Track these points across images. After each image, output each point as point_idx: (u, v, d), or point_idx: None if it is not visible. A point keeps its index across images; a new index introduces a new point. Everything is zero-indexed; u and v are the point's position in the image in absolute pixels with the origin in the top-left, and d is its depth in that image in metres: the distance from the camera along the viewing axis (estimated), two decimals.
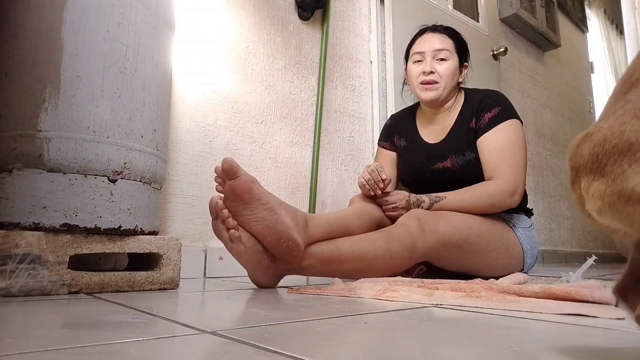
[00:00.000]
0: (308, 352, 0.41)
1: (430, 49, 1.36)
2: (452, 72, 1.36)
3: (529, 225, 1.38)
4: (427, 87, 1.35)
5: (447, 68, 1.35)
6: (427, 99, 1.37)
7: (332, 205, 1.75)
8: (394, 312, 0.65)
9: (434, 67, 1.35)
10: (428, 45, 1.37)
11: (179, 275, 0.98)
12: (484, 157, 1.30)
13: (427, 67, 1.35)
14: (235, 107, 1.52)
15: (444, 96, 1.36)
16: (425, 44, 1.38)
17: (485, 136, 1.30)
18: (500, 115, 1.30)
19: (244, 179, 0.92)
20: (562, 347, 0.46)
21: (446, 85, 1.35)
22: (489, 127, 1.30)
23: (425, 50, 1.37)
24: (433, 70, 1.35)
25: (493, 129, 1.29)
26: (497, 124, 1.29)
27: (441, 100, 1.37)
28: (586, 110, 3.66)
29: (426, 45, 1.37)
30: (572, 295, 0.74)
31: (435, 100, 1.36)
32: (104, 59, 0.89)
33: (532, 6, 2.83)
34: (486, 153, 1.29)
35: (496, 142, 1.28)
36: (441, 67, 1.35)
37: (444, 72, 1.35)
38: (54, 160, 0.83)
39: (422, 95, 1.37)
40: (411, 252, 1.10)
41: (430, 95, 1.35)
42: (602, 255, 3.32)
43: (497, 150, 1.27)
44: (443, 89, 1.35)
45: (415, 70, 1.39)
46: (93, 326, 0.52)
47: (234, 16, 1.55)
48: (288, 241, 0.94)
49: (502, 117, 1.30)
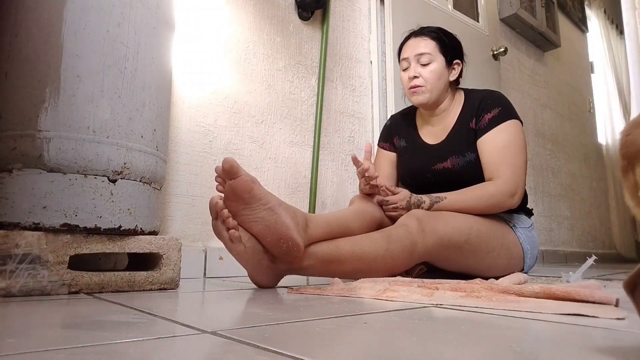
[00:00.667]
0: (308, 352, 0.41)
1: (412, 54, 1.38)
2: (436, 74, 1.35)
3: (529, 226, 1.38)
4: (414, 91, 1.37)
5: (431, 71, 1.35)
6: (416, 103, 1.39)
7: (332, 205, 1.75)
8: (394, 312, 0.65)
9: (417, 72, 1.36)
10: (410, 50, 1.39)
11: (179, 275, 0.98)
12: (484, 158, 1.30)
13: (411, 72, 1.37)
14: (235, 107, 1.52)
15: (433, 99, 1.37)
16: (408, 49, 1.40)
17: (485, 137, 1.30)
18: (501, 115, 1.30)
19: (244, 179, 0.92)
20: (562, 347, 0.46)
21: (432, 88, 1.35)
22: (488, 127, 1.30)
23: (408, 55, 1.39)
24: (417, 74, 1.36)
25: (493, 129, 1.29)
26: (497, 125, 1.29)
27: (432, 103, 1.38)
28: (586, 110, 3.66)
29: (409, 50, 1.40)
30: (572, 295, 0.74)
31: (425, 103, 1.37)
32: (104, 59, 0.89)
33: (532, 6, 2.83)
34: (486, 153, 1.29)
35: (496, 143, 1.28)
36: (424, 70, 1.36)
37: (427, 76, 1.35)
38: (54, 160, 0.83)
39: (412, 99, 1.40)
40: (411, 253, 1.10)
41: (418, 99, 1.37)
42: (602, 255, 3.32)
43: (497, 150, 1.27)
44: (430, 92, 1.35)
45: (404, 77, 1.41)
46: (93, 326, 0.52)
47: (234, 16, 1.55)
48: (288, 241, 0.94)
49: (502, 117, 1.30)
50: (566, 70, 3.45)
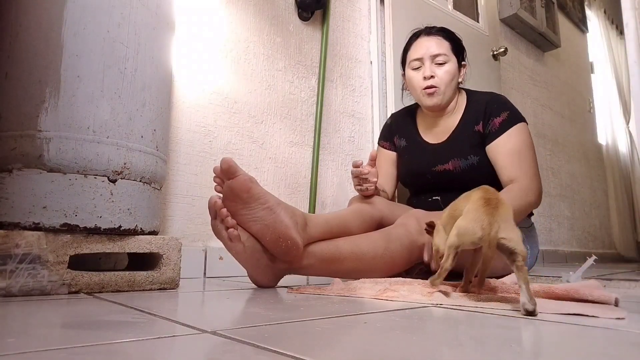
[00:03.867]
0: (308, 351, 0.41)
1: (427, 54, 1.35)
2: (451, 75, 1.35)
3: (529, 225, 1.38)
4: (430, 92, 1.34)
5: (447, 72, 1.34)
6: (430, 104, 1.36)
7: (332, 205, 1.75)
8: (394, 312, 0.65)
9: (433, 72, 1.34)
10: (425, 50, 1.35)
11: (179, 275, 0.98)
12: (499, 161, 1.29)
13: (427, 71, 1.34)
14: (235, 107, 1.52)
15: (445, 100, 1.36)
16: (422, 48, 1.36)
17: (498, 141, 1.29)
18: (510, 119, 1.30)
19: (242, 178, 0.92)
20: (562, 347, 0.46)
21: (446, 90, 1.34)
22: (500, 132, 1.29)
23: (422, 55, 1.35)
24: (433, 74, 1.34)
25: (505, 133, 1.29)
26: (509, 128, 1.29)
27: (443, 105, 1.37)
28: (586, 110, 3.66)
29: (423, 50, 1.36)
30: (571, 294, 0.75)
31: (438, 105, 1.36)
32: (104, 59, 0.89)
33: (532, 6, 2.83)
34: (501, 157, 1.28)
35: (512, 146, 1.27)
36: (440, 70, 1.34)
37: (443, 76, 1.33)
38: (54, 160, 0.83)
39: (427, 101, 1.36)
40: (410, 252, 1.10)
41: (433, 100, 1.35)
42: (602, 255, 3.32)
43: (514, 153, 1.27)
44: (443, 94, 1.34)
45: (416, 77, 1.37)
46: (93, 326, 0.52)
47: (234, 16, 1.55)
48: (287, 240, 0.94)
49: (512, 121, 1.30)
50: (566, 70, 3.45)
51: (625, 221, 3.82)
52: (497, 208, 0.70)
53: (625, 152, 4.09)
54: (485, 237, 0.68)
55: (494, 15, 2.53)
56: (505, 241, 0.68)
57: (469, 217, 0.72)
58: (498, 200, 0.73)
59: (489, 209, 0.70)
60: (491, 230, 0.68)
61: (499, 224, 0.68)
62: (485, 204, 0.71)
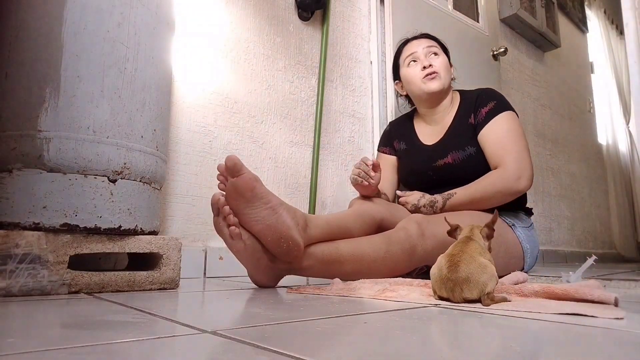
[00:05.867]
0: (308, 352, 0.41)
1: (421, 48, 1.45)
2: (446, 65, 1.44)
3: (529, 225, 1.38)
4: (431, 77, 1.41)
5: (442, 62, 1.44)
6: (434, 88, 1.41)
7: (332, 205, 1.75)
8: (394, 312, 0.65)
9: (430, 61, 1.43)
10: (417, 45, 1.46)
11: (179, 275, 0.98)
12: (486, 150, 1.33)
13: (425, 61, 1.43)
14: (235, 107, 1.52)
15: (446, 86, 1.43)
16: (414, 47, 1.47)
17: (485, 129, 1.34)
18: (496, 108, 1.35)
19: (247, 177, 0.92)
20: (562, 347, 0.46)
21: (445, 76, 1.42)
22: (486, 120, 1.34)
23: (417, 50, 1.45)
24: (431, 63, 1.42)
25: (491, 121, 1.33)
26: (494, 117, 1.33)
27: (443, 92, 1.42)
28: (586, 110, 3.66)
29: (414, 47, 1.46)
30: (571, 294, 0.75)
31: (440, 90, 1.41)
32: (104, 59, 0.89)
33: (532, 6, 2.83)
34: (488, 145, 1.32)
35: (496, 133, 1.32)
36: (436, 60, 1.43)
37: (440, 64, 1.43)
38: (54, 160, 0.83)
39: (429, 86, 1.41)
40: (411, 256, 1.10)
41: (435, 84, 1.40)
42: (602, 255, 3.32)
43: (498, 140, 1.30)
44: (443, 79, 1.42)
45: (414, 70, 1.45)
46: (93, 326, 0.52)
47: (234, 16, 1.55)
48: (288, 241, 0.94)
49: (498, 109, 1.34)
50: (566, 70, 3.45)
51: (625, 221, 3.82)
52: (458, 265, 0.73)
53: (625, 152, 4.09)
54: (454, 299, 0.73)
55: (494, 15, 2.53)
56: (472, 297, 0.72)
57: (434, 277, 0.77)
58: (462, 252, 0.75)
59: (451, 268, 0.73)
60: (454, 297, 0.73)
61: (461, 286, 0.72)
62: (448, 262, 0.74)
